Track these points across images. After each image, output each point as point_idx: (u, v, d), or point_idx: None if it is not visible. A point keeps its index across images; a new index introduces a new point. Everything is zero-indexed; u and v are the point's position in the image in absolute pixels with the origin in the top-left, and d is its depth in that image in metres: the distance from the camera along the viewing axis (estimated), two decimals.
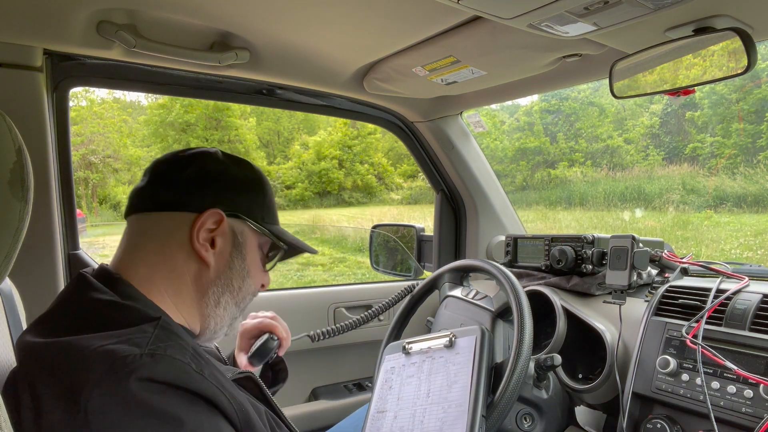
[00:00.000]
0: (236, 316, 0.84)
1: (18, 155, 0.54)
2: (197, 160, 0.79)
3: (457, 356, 0.95)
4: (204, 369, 0.64)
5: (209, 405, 0.62)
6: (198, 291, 0.77)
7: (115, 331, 0.62)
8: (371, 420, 0.98)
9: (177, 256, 0.75)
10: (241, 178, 0.81)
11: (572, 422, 1.19)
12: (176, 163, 0.79)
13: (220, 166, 0.80)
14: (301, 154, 22.53)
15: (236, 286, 0.80)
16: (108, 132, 19.15)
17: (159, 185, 0.77)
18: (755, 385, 0.86)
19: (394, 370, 1.04)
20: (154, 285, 0.73)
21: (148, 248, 0.75)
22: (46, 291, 1.20)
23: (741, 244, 8.32)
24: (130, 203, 0.79)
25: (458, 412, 0.86)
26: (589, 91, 18.27)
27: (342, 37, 1.17)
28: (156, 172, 0.79)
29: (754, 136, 13.18)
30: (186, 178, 0.77)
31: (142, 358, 0.58)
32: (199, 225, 0.75)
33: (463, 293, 1.26)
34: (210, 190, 0.77)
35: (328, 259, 10.50)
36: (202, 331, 0.79)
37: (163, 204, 0.76)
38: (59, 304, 0.71)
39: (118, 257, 0.76)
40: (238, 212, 0.79)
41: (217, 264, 0.78)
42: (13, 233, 0.53)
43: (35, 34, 1.09)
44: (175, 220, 0.75)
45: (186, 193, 0.76)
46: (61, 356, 0.60)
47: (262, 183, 0.84)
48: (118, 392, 0.56)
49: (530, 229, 3.89)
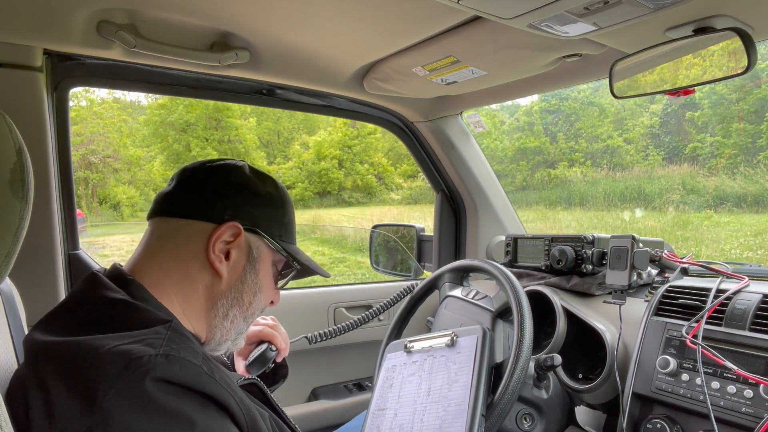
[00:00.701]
0: (242, 331, 0.84)
1: (18, 155, 0.54)
2: (223, 172, 0.80)
3: (458, 355, 0.95)
4: (215, 372, 0.64)
5: (219, 408, 0.63)
6: (208, 301, 0.77)
7: (128, 332, 0.62)
8: (371, 417, 0.98)
9: (191, 264, 0.75)
10: (264, 194, 0.82)
11: (572, 422, 1.19)
12: (203, 172, 0.80)
13: (245, 180, 0.81)
14: (301, 154, 22.53)
15: (246, 301, 0.81)
16: (108, 132, 19.15)
17: (184, 192, 0.79)
18: (755, 385, 0.86)
19: (396, 368, 1.04)
20: (165, 290, 0.74)
21: (164, 253, 0.75)
22: (46, 291, 1.20)
23: (741, 244, 8.32)
24: (154, 206, 0.80)
25: (458, 410, 0.86)
26: (589, 91, 18.27)
27: (342, 37, 1.17)
28: (182, 179, 0.80)
29: (754, 136, 13.18)
30: (210, 188, 0.78)
31: (156, 359, 0.58)
32: (216, 236, 0.75)
33: (463, 293, 1.26)
34: (231, 202, 0.78)
35: (328, 259, 10.50)
36: (207, 341, 0.80)
37: (184, 211, 0.77)
38: (70, 302, 0.71)
39: (134, 258, 0.77)
40: (257, 227, 0.80)
41: (230, 276, 0.78)
42: (13, 233, 0.53)
43: (35, 34, 1.09)
44: (194, 228, 0.76)
45: (208, 203, 0.77)
46: (74, 355, 0.60)
47: (284, 201, 0.85)
48: (134, 391, 0.56)
49: (530, 229, 3.89)
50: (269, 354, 1.03)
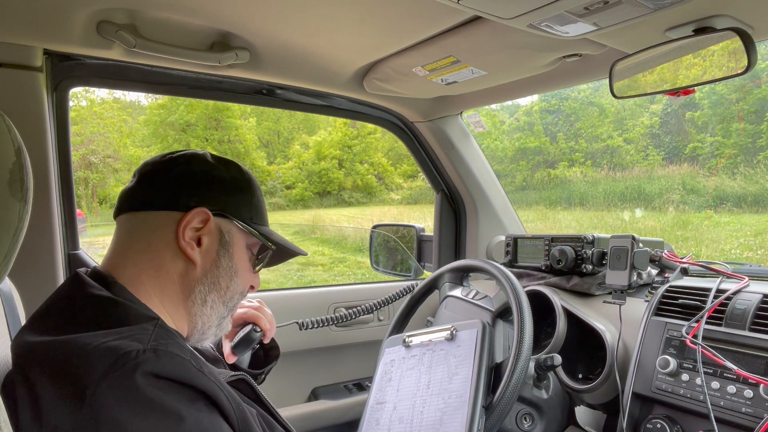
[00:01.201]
0: (224, 316, 0.84)
1: (17, 155, 0.54)
2: (185, 161, 0.80)
3: (458, 348, 0.95)
4: (203, 367, 0.64)
5: (209, 402, 0.63)
6: (184, 290, 0.77)
7: (115, 329, 0.62)
8: (370, 411, 0.98)
9: (164, 254, 0.76)
10: (229, 179, 0.82)
11: (572, 422, 1.19)
12: (164, 164, 0.80)
13: (207, 167, 0.81)
14: (301, 154, 22.52)
15: (223, 285, 0.81)
16: (108, 132, 19.15)
17: (147, 185, 0.79)
18: (755, 385, 0.86)
19: (394, 362, 1.04)
20: (142, 284, 0.74)
21: (136, 247, 0.76)
22: (46, 291, 1.18)
23: (741, 244, 8.32)
24: (119, 204, 0.80)
25: (459, 402, 0.86)
26: (589, 91, 18.26)
27: (342, 37, 1.17)
28: (144, 173, 0.80)
29: (754, 136, 13.17)
30: (173, 178, 0.78)
31: (145, 354, 0.59)
32: (185, 223, 0.76)
33: (463, 293, 1.26)
34: (196, 189, 0.78)
35: (328, 259, 10.50)
36: (190, 332, 0.80)
37: (150, 203, 0.77)
38: (54, 301, 0.71)
39: (107, 258, 0.77)
40: (225, 212, 0.80)
41: (204, 262, 0.78)
42: (12, 233, 0.53)
43: (35, 34, 1.09)
44: (161, 218, 0.76)
45: (173, 192, 0.77)
46: (62, 354, 0.60)
47: (250, 184, 0.86)
48: (123, 386, 0.56)
49: (530, 229, 3.89)
50: (253, 335, 1.03)
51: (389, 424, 0.94)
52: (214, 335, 0.84)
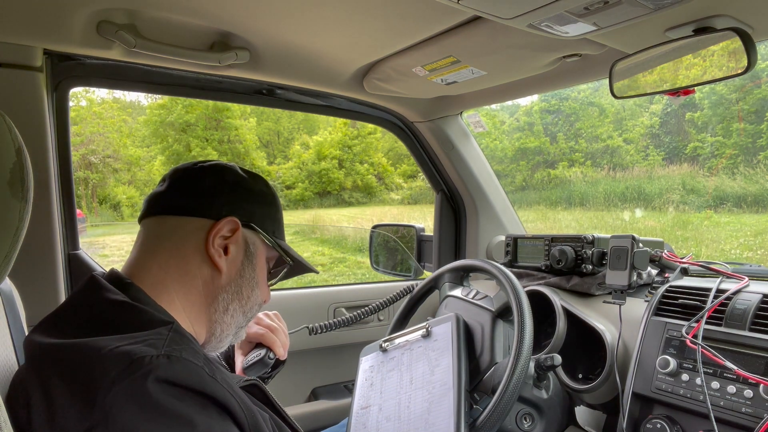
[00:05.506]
0: (242, 325, 0.85)
1: (18, 155, 0.54)
2: (216, 171, 0.82)
3: (435, 343, 0.97)
4: (216, 373, 0.64)
5: (220, 409, 0.63)
6: (208, 296, 0.78)
7: (130, 334, 0.62)
8: (355, 416, 0.99)
9: (191, 260, 0.76)
10: (257, 192, 0.84)
11: (572, 422, 1.19)
12: (196, 171, 0.82)
13: (238, 178, 0.83)
14: (301, 154, 22.54)
15: (245, 295, 0.82)
16: (108, 132, 19.15)
17: (178, 191, 0.80)
18: (755, 385, 0.86)
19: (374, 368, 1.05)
20: (166, 288, 0.74)
21: (163, 251, 0.76)
22: (46, 291, 1.20)
23: (741, 244, 8.32)
24: (147, 207, 0.81)
25: (444, 389, 0.88)
26: (589, 91, 18.26)
27: (342, 37, 1.17)
28: (175, 179, 0.81)
29: (754, 136, 13.18)
30: (206, 186, 0.80)
31: (158, 359, 0.59)
32: (216, 231, 0.77)
33: (463, 293, 1.26)
34: (227, 199, 0.80)
35: (328, 259, 10.50)
36: (207, 338, 0.80)
37: (181, 209, 0.78)
38: (70, 304, 0.71)
39: (130, 261, 0.78)
40: (253, 223, 0.82)
41: (229, 270, 0.79)
42: (13, 233, 0.53)
43: (35, 34, 1.09)
44: (192, 224, 0.77)
45: (205, 200, 0.79)
46: (76, 357, 0.60)
47: (275, 199, 0.88)
48: (135, 391, 0.56)
49: (530, 229, 3.89)
50: (267, 361, 1.05)
51: (377, 425, 0.94)
52: (229, 343, 0.85)
